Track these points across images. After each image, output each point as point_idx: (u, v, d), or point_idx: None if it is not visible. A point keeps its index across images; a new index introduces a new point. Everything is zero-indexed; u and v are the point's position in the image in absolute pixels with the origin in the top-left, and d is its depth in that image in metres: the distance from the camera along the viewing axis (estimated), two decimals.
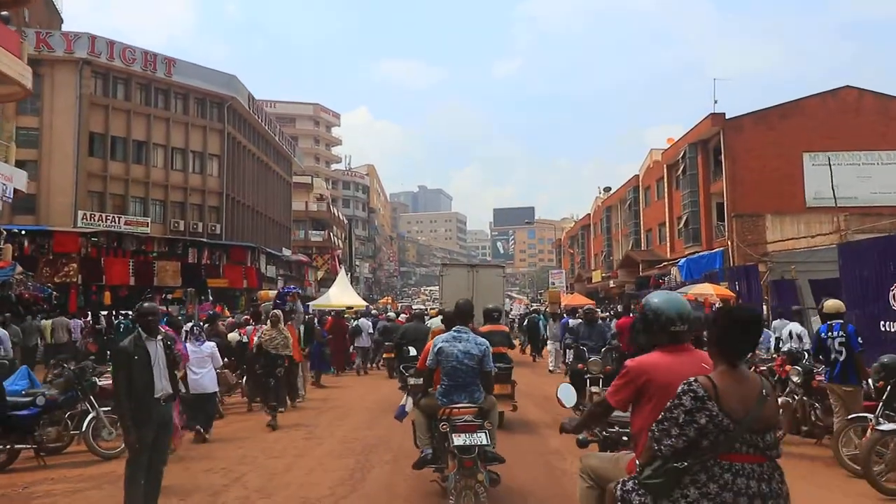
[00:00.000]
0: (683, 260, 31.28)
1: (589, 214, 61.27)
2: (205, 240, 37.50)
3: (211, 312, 13.85)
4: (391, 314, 22.36)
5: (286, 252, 51.87)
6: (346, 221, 77.80)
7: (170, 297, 31.60)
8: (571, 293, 48.18)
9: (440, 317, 11.41)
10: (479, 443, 5.20)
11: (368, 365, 19.68)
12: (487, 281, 20.39)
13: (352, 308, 27.35)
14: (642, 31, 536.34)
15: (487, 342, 6.08)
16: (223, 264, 37.35)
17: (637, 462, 2.86)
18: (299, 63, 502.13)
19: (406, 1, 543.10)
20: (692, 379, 2.59)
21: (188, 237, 37.19)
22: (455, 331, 5.99)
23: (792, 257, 24.70)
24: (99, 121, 34.56)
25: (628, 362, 3.22)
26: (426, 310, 22.64)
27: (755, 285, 18.87)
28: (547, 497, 6.23)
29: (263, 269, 42.00)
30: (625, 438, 3.56)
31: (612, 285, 45.94)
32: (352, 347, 19.27)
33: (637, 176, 45.01)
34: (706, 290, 19.83)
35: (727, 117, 31.52)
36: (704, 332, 4.20)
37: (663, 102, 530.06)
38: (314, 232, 65.06)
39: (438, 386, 5.90)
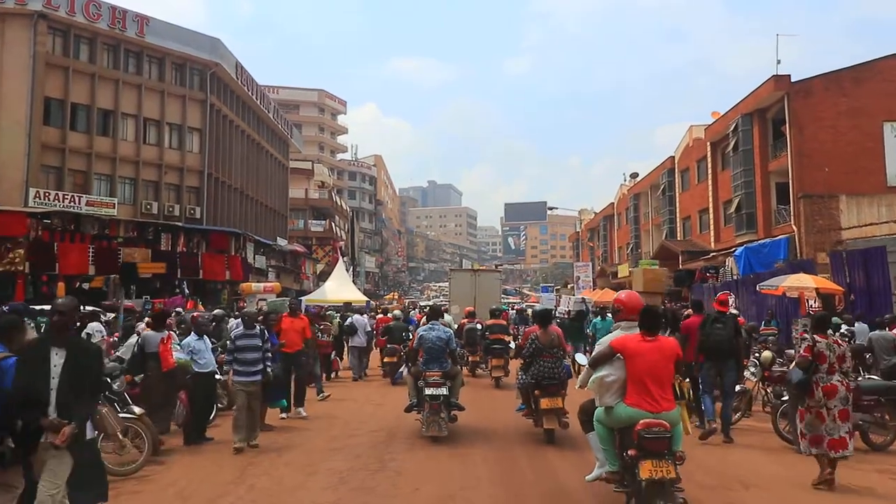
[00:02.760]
0: (741, 249, 26.37)
1: (612, 204, 56.21)
2: (181, 224, 32.75)
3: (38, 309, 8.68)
4: (397, 312, 18.10)
5: (281, 242, 47.14)
6: (349, 210, 73.07)
7: (86, 286, 26.16)
8: (594, 289, 43.48)
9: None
10: (442, 393, 8.64)
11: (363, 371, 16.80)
12: (487, 282, 24.81)
13: (351, 304, 23.12)
14: (654, 28, 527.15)
15: (451, 331, 9.66)
16: (202, 252, 32.66)
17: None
18: (308, 60, 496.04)
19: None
20: (532, 333, 9.00)
21: (162, 221, 32.49)
22: (431, 323, 9.34)
23: (871, 245, 20.13)
24: (57, 85, 29.82)
25: (526, 330, 10.58)
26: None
27: (879, 275, 13.91)
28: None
29: (251, 259, 37.29)
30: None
31: None
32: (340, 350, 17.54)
33: (672, 157, 39.96)
34: (804, 282, 14.90)
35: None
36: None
37: (676, 101, 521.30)
38: (314, 221, 60.36)
39: (420, 359, 9.15)
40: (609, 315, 13.62)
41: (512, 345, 14.27)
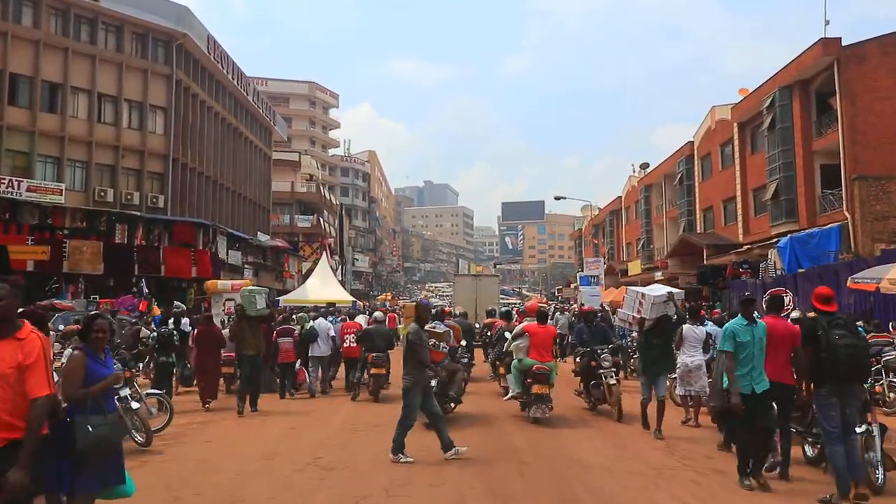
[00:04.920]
0: (785, 240, 22.60)
1: (620, 197, 52.44)
2: (139, 213, 28.85)
3: None
4: (378, 314, 14.31)
5: (262, 237, 43.22)
6: (338, 205, 69.15)
7: None
8: (605, 287, 39.88)
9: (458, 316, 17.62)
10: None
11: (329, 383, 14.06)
12: (487, 287, 27.23)
13: (335, 305, 19.65)
14: (654, 26, 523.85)
15: (450, 330, 10.63)
16: (163, 245, 28.77)
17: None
18: (305, 59, 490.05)
19: None
20: (500, 325, 14.62)
21: (118, 210, 28.60)
22: (434, 323, 9.99)
23: None
24: None
25: (495, 323, 16.58)
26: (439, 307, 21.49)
27: None
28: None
29: (224, 254, 33.34)
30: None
31: (658, 277, 37.14)
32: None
33: (691, 143, 36.23)
34: None
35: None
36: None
37: (676, 98, 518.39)
38: (301, 217, 56.47)
39: None
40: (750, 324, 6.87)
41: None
